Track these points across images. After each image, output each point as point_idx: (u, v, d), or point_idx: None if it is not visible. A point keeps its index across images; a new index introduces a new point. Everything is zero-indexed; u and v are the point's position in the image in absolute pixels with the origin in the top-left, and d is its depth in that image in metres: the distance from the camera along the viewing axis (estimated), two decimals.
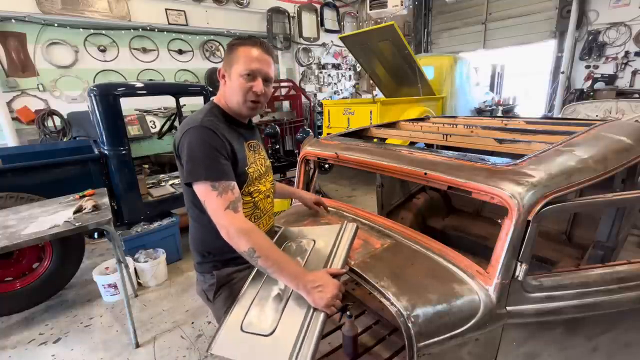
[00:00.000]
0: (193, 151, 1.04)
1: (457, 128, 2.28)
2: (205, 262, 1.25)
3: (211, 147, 1.04)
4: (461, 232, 2.77)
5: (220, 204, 1.01)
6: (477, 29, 7.83)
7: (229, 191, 1.03)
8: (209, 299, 1.27)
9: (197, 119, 1.11)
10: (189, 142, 1.05)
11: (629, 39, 5.69)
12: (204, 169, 1.02)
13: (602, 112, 4.62)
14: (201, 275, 1.28)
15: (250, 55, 1.12)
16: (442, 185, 1.27)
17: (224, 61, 1.17)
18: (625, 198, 1.29)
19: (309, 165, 2.02)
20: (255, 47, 1.13)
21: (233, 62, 1.13)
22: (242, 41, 1.15)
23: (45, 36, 4.95)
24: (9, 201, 2.69)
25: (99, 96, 2.96)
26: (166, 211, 3.55)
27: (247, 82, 1.12)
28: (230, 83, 1.15)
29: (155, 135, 5.30)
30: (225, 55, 1.18)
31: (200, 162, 1.03)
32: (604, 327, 1.21)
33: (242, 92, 1.13)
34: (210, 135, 1.06)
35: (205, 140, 1.05)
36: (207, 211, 1.04)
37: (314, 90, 8.15)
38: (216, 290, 1.24)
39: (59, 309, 2.83)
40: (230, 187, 1.04)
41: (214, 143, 1.05)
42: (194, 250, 1.28)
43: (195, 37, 6.41)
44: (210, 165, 1.03)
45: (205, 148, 1.04)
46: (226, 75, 1.17)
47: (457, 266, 1.14)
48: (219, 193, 1.01)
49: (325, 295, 0.93)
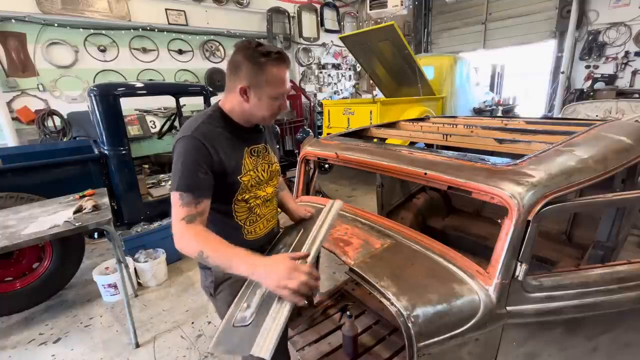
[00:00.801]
0: (177, 161, 1.07)
1: (457, 128, 2.28)
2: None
3: (193, 159, 1.06)
4: (461, 232, 2.77)
5: (180, 214, 1.04)
6: (477, 29, 7.83)
7: (193, 205, 1.04)
8: (211, 294, 1.30)
9: (191, 126, 1.10)
10: (177, 151, 1.08)
11: (629, 39, 5.69)
12: (179, 180, 1.05)
13: (602, 112, 4.62)
14: (202, 270, 1.31)
15: (282, 78, 1.11)
16: (442, 185, 1.27)
17: (248, 76, 1.08)
18: (625, 198, 1.29)
19: (309, 165, 2.02)
20: (284, 67, 1.11)
21: (263, 83, 1.09)
22: (271, 60, 1.07)
23: (45, 36, 4.95)
24: (9, 201, 2.69)
25: (99, 96, 2.96)
26: (166, 211, 3.54)
27: (276, 103, 1.15)
28: (259, 103, 1.12)
29: (155, 135, 5.30)
30: (250, 70, 1.07)
31: (179, 172, 1.06)
32: (604, 327, 1.21)
33: (271, 111, 1.16)
34: (196, 146, 1.06)
35: (189, 152, 1.06)
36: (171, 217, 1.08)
37: (314, 90, 8.15)
38: (216, 287, 1.27)
39: (59, 309, 2.83)
40: (196, 202, 1.05)
41: (197, 155, 1.06)
42: None
43: (195, 37, 6.40)
44: (186, 177, 1.05)
45: (186, 159, 1.06)
46: (252, 94, 1.10)
47: (457, 266, 1.14)
48: (182, 204, 1.04)
49: (275, 278, 0.90)
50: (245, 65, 1.07)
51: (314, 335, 2.08)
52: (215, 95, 3.99)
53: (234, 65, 1.10)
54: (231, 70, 1.12)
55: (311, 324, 2.17)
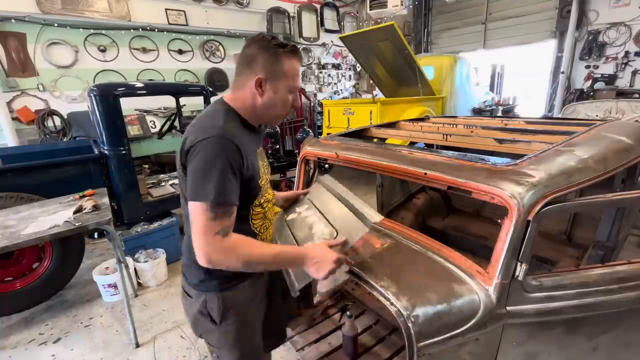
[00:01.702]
0: (205, 165, 0.94)
1: (457, 128, 2.28)
2: (210, 280, 1.12)
3: (226, 164, 0.95)
4: (461, 232, 2.77)
5: (213, 228, 0.92)
6: (477, 29, 7.83)
7: (227, 216, 0.95)
8: (213, 321, 1.14)
9: (215, 125, 0.99)
10: (204, 154, 0.94)
11: (629, 39, 5.69)
12: (210, 188, 0.92)
13: (602, 112, 4.62)
14: (201, 294, 1.14)
15: (298, 70, 1.09)
16: (442, 185, 1.27)
17: (265, 67, 1.04)
18: (625, 198, 1.29)
19: (309, 165, 2.02)
20: (298, 60, 1.09)
21: (280, 75, 1.05)
22: (288, 51, 1.05)
23: (45, 36, 4.95)
24: (9, 201, 2.69)
25: (99, 96, 2.96)
26: (166, 211, 3.55)
27: (291, 97, 1.11)
28: (274, 95, 1.07)
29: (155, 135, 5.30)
30: (266, 60, 1.03)
31: (209, 179, 0.93)
32: (604, 327, 1.21)
33: (286, 106, 1.11)
34: (228, 148, 0.96)
35: (220, 155, 0.94)
36: (192, 230, 0.95)
37: (314, 90, 8.14)
38: (223, 312, 1.14)
39: (59, 309, 2.83)
40: (230, 212, 0.97)
41: (231, 158, 0.96)
42: (194, 266, 1.08)
43: (195, 37, 6.40)
44: (220, 184, 0.93)
45: (218, 164, 0.93)
46: (269, 85, 1.06)
47: (457, 266, 1.14)
48: (215, 217, 0.93)
49: (321, 270, 1.04)
50: (261, 56, 1.03)
51: (314, 335, 2.08)
52: (215, 95, 3.99)
53: (247, 58, 1.05)
54: (244, 65, 1.06)
55: (311, 324, 2.17)
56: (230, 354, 1.22)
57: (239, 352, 1.21)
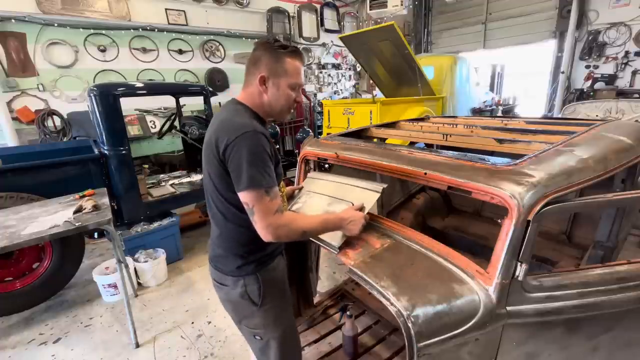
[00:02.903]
0: (251, 157, 1.07)
1: (457, 128, 2.28)
2: (247, 264, 1.24)
3: (266, 153, 1.10)
4: (461, 232, 2.77)
5: (272, 208, 1.09)
6: (477, 29, 7.83)
7: (277, 196, 1.12)
8: (254, 303, 1.25)
9: (245, 123, 1.11)
10: (248, 148, 1.07)
11: (629, 39, 5.68)
12: (262, 177, 1.07)
13: (602, 112, 4.62)
14: (240, 279, 1.25)
15: (298, 69, 1.21)
16: (442, 185, 1.27)
17: (268, 66, 1.17)
18: (625, 198, 1.29)
19: (309, 165, 2.02)
20: (300, 61, 1.22)
21: (281, 73, 1.18)
22: (289, 53, 1.18)
23: (45, 36, 4.94)
24: (9, 201, 2.69)
25: (99, 96, 2.96)
26: (166, 211, 3.55)
27: (293, 93, 1.22)
28: (277, 92, 1.20)
29: (155, 135, 5.30)
30: (268, 60, 1.17)
31: (259, 169, 1.07)
32: (604, 327, 1.21)
33: (289, 101, 1.23)
34: (265, 142, 1.11)
35: (262, 147, 1.09)
36: (254, 214, 1.09)
37: (314, 90, 8.14)
38: (263, 293, 1.25)
39: (59, 309, 2.83)
40: (277, 193, 1.13)
41: (268, 149, 1.12)
42: (231, 255, 1.25)
43: (195, 37, 6.40)
44: (268, 172, 1.10)
45: (262, 155, 1.09)
46: (271, 82, 1.19)
47: (457, 266, 1.14)
48: (271, 199, 1.09)
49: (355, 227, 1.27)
50: (264, 57, 1.17)
51: (314, 335, 2.08)
52: (215, 95, 3.99)
53: (254, 59, 1.19)
54: (251, 65, 1.20)
55: (311, 324, 2.17)
56: (274, 332, 1.31)
57: (281, 329, 1.33)
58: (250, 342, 1.40)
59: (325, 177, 1.71)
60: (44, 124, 4.94)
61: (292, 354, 1.43)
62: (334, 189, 1.57)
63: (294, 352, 1.45)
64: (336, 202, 1.47)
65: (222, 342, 2.36)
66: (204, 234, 4.16)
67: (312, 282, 2.17)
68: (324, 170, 2.08)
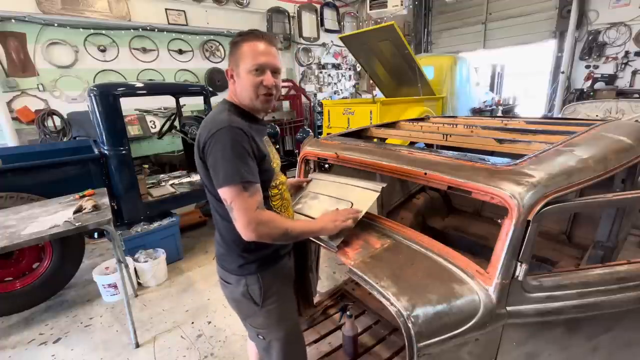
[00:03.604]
0: (225, 153, 1.03)
1: (457, 128, 2.28)
2: (248, 263, 1.22)
3: (242, 148, 1.05)
4: (461, 232, 2.77)
5: (251, 204, 1.04)
6: (477, 29, 7.83)
7: (257, 192, 1.07)
8: (255, 303, 1.24)
9: (222, 119, 1.08)
10: (222, 144, 1.03)
11: (629, 39, 5.69)
12: (237, 172, 1.03)
13: (602, 112, 4.62)
14: (242, 278, 1.23)
15: (256, 49, 1.12)
16: (442, 185, 1.27)
17: (230, 60, 1.18)
18: (625, 198, 1.29)
19: (309, 165, 2.02)
20: (259, 40, 1.13)
21: (239, 60, 1.13)
22: (245, 37, 1.14)
23: (45, 36, 4.94)
24: (9, 201, 2.69)
25: (99, 96, 2.96)
26: (166, 211, 3.54)
27: (256, 77, 1.12)
28: (240, 81, 1.15)
29: (155, 135, 5.30)
30: (230, 54, 1.18)
31: (234, 164, 1.03)
32: (604, 327, 1.21)
33: (253, 87, 1.13)
34: (240, 135, 1.06)
35: (237, 142, 1.04)
36: (233, 211, 1.05)
37: (314, 90, 8.14)
38: (265, 293, 1.23)
39: (59, 309, 2.83)
40: (258, 189, 1.08)
41: (244, 144, 1.06)
42: (232, 254, 1.23)
43: (195, 37, 6.40)
44: (244, 166, 1.04)
45: (237, 150, 1.04)
46: (234, 75, 1.17)
47: (457, 266, 1.14)
48: (250, 195, 1.04)
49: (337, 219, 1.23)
50: (229, 51, 1.19)
51: (314, 335, 2.08)
52: (215, 95, 3.99)
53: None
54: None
55: (311, 324, 2.17)
56: (276, 333, 1.30)
57: (284, 330, 1.31)
58: (255, 340, 1.40)
59: (325, 178, 1.71)
60: (44, 124, 4.94)
61: (295, 357, 1.39)
62: (334, 189, 1.57)
63: (298, 355, 1.42)
64: (336, 202, 1.47)
65: (222, 342, 2.36)
66: (204, 234, 4.16)
67: (312, 282, 2.17)
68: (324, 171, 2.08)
